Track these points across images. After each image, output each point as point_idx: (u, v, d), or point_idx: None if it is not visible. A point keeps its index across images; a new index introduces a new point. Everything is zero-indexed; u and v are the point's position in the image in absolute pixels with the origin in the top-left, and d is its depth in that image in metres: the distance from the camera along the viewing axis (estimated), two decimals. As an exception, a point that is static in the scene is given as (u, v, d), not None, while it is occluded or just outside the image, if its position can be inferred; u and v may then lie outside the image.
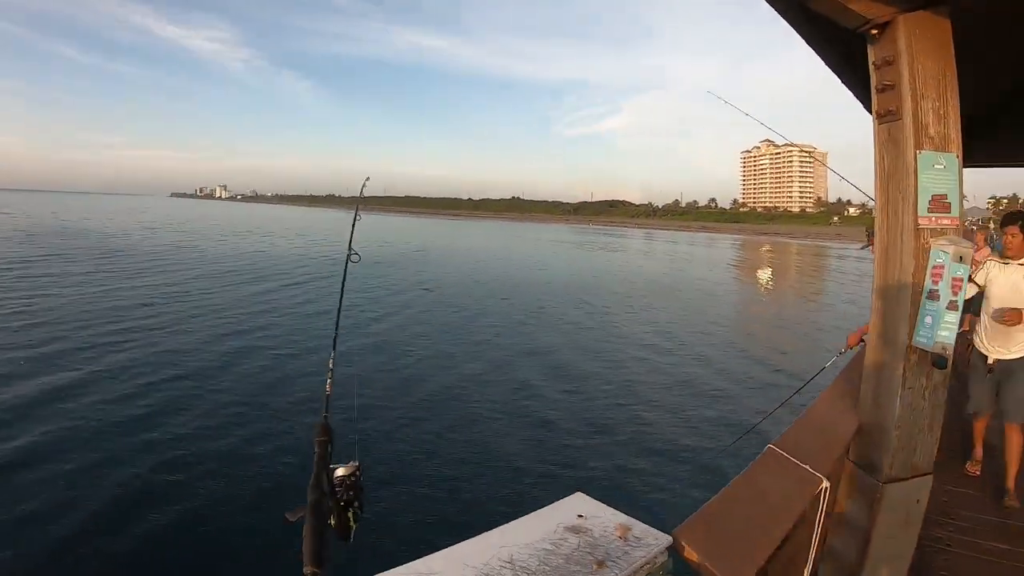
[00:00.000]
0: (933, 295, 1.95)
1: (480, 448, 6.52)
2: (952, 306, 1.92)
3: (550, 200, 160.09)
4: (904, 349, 2.02)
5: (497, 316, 15.02)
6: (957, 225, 2.05)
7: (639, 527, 1.81)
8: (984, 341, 3.59)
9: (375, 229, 56.62)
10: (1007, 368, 3.46)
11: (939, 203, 2.02)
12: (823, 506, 1.81)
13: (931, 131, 2.00)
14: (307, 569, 0.71)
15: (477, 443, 6.66)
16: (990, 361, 3.53)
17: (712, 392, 9.30)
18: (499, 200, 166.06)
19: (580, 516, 1.87)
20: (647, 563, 1.65)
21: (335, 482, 0.84)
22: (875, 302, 2.21)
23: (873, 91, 2.15)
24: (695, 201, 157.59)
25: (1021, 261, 3.36)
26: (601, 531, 1.77)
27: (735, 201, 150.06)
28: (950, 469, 3.67)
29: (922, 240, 2.01)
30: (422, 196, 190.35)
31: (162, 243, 31.63)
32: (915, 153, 1.99)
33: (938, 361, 1.95)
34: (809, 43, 2.62)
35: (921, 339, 1.97)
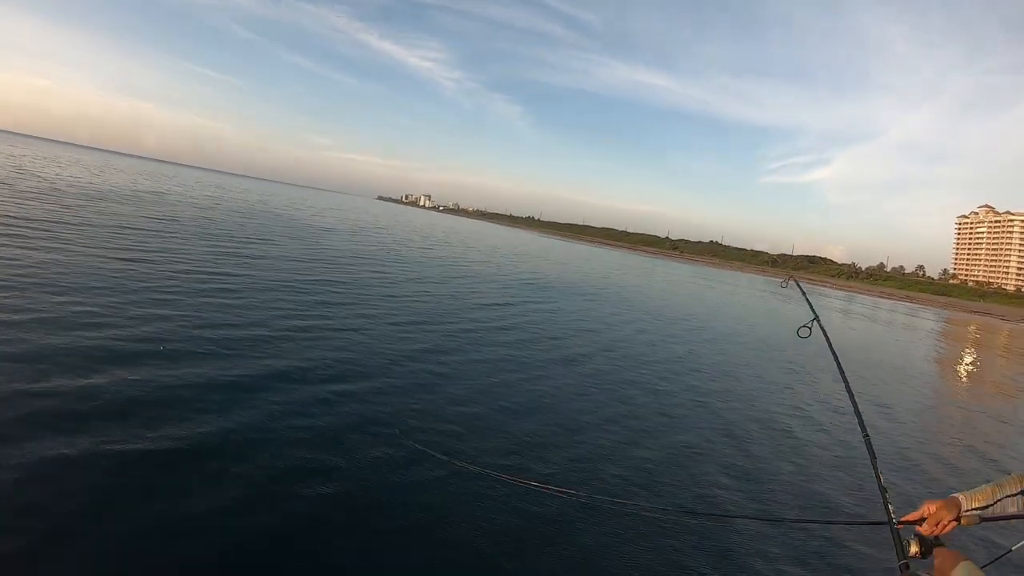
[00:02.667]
0: None
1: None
2: None
3: (748, 248, 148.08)
4: None
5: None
6: None
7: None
8: None
9: (589, 261, 51.90)
10: None
11: None
12: None
13: None
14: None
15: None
16: None
17: None
18: (698, 243, 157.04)
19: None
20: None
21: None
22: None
23: None
24: (901, 266, 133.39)
25: None
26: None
27: (944, 271, 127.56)
28: None
29: None
30: (620, 229, 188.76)
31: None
32: None
33: None
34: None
35: None
